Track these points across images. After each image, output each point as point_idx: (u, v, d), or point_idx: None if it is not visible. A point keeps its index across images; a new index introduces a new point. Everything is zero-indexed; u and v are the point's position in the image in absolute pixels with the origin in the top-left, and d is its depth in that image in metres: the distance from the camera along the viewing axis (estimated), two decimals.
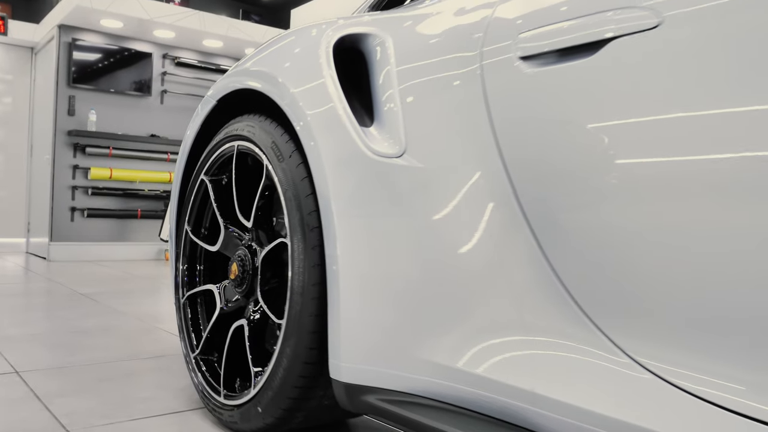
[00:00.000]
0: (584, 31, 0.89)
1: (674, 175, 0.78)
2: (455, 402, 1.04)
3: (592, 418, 0.84)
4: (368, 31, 1.26)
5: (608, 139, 0.86)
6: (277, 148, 1.31)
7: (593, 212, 0.88)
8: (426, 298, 1.07)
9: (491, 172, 1.02)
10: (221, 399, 1.47)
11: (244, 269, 1.46)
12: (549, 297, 0.93)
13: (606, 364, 0.86)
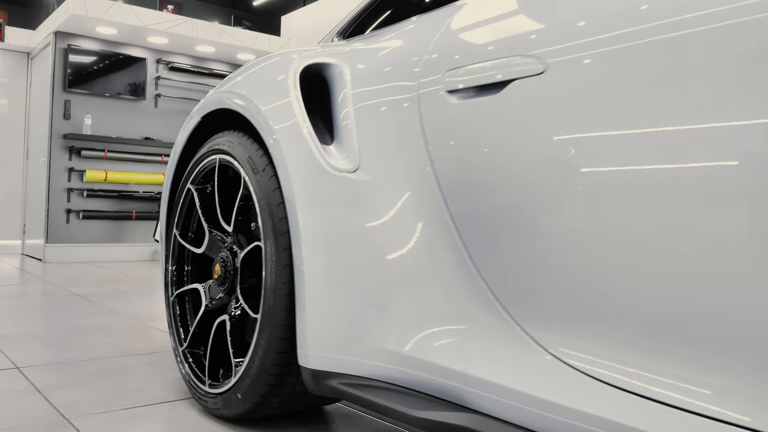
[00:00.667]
0: (493, 72, 1.06)
1: (568, 188, 0.94)
2: (403, 384, 1.20)
3: (508, 393, 1.00)
4: (330, 61, 1.42)
5: (511, 160, 1.02)
6: (252, 162, 1.47)
7: (505, 221, 1.04)
8: (375, 294, 1.23)
9: (426, 186, 1.18)
10: (206, 388, 1.62)
11: (226, 270, 1.62)
12: (474, 293, 1.09)
13: (518, 349, 1.02)
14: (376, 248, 1.23)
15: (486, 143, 1.07)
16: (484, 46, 1.12)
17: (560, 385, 0.95)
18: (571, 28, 0.98)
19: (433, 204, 1.17)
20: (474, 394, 1.07)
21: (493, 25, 1.15)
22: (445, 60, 1.19)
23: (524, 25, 1.07)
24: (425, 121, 1.18)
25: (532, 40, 1.02)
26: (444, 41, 1.23)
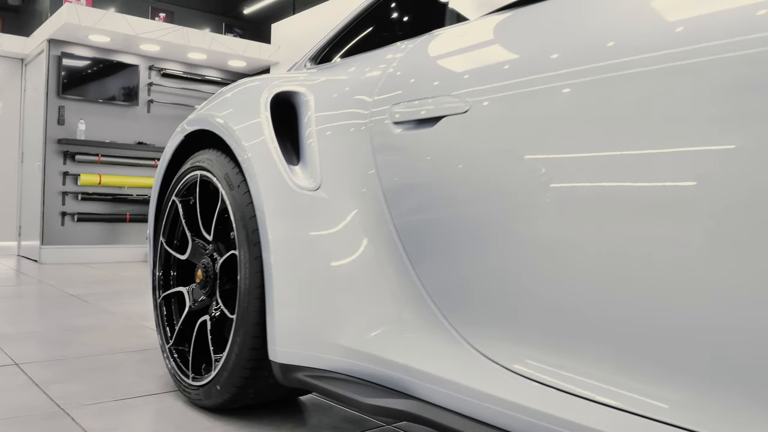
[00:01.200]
0: (428, 109, 1.24)
1: (487, 207, 1.12)
2: (357, 375, 1.38)
3: (442, 382, 1.18)
4: (297, 89, 1.60)
5: (441, 183, 1.20)
6: (229, 179, 1.65)
7: (436, 234, 1.22)
8: (332, 297, 1.41)
9: (376, 202, 1.36)
10: (190, 381, 1.80)
11: (207, 274, 1.79)
12: (414, 296, 1.27)
13: (449, 345, 1.20)
14: (333, 257, 1.41)
15: (422, 168, 1.25)
16: (422, 86, 1.30)
17: (482, 376, 1.13)
18: (487, 74, 1.16)
19: (380, 218, 1.35)
20: (414, 384, 1.25)
21: (429, 66, 1.33)
22: (391, 94, 1.38)
23: (453, 69, 1.25)
24: (375, 146, 1.36)
25: (458, 83, 1.20)
26: (391, 77, 1.41)
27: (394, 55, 1.49)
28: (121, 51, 6.58)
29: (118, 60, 6.57)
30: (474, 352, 1.16)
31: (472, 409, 1.13)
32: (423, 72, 1.33)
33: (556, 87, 1.03)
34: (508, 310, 1.11)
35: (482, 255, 1.14)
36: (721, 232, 0.82)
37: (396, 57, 1.48)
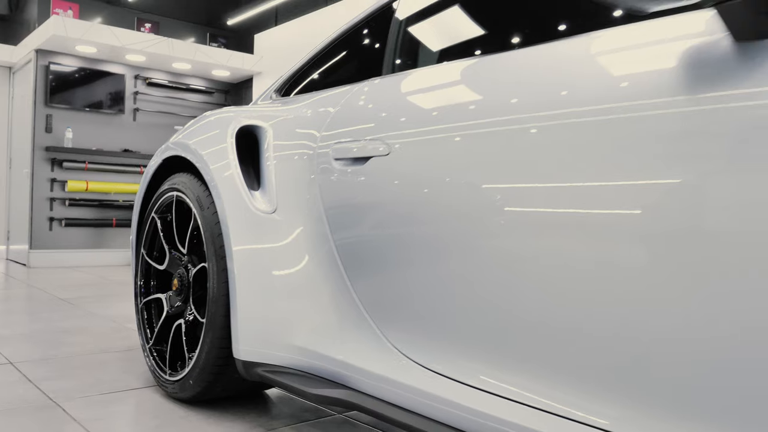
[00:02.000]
0: (360, 149, 1.50)
1: (407, 231, 1.38)
2: (306, 370, 1.64)
3: (370, 376, 1.44)
4: (259, 123, 1.86)
5: (370, 210, 1.46)
6: (200, 201, 1.90)
7: (367, 251, 1.48)
8: (284, 303, 1.66)
9: (320, 223, 1.62)
10: (166, 376, 2.05)
11: (182, 283, 2.04)
12: (349, 303, 1.53)
13: (377, 345, 1.46)
14: (286, 270, 1.67)
15: (355, 197, 1.51)
16: (356, 129, 1.56)
17: (402, 371, 1.39)
18: (406, 123, 1.42)
19: (323, 238, 1.61)
20: (350, 377, 1.51)
21: (363, 111, 1.60)
22: (334, 133, 1.64)
23: (380, 116, 1.51)
24: (320, 177, 1.63)
25: (383, 129, 1.47)
26: (336, 118, 1.68)
27: (341, 98, 1.75)
28: (107, 61, 6.80)
29: (105, 69, 6.79)
30: (396, 352, 1.43)
31: (394, 396, 1.39)
32: (358, 117, 1.59)
33: (451, 136, 1.29)
34: (424, 318, 1.37)
35: (403, 272, 1.40)
36: (602, 247, 1.07)
37: (341, 100, 1.74)
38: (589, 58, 1.13)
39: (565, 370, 1.08)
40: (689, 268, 0.90)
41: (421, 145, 1.36)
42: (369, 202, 1.48)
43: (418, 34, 1.76)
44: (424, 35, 1.76)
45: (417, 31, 1.76)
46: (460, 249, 1.27)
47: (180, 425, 1.82)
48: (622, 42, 1.09)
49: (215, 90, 7.60)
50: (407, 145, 1.39)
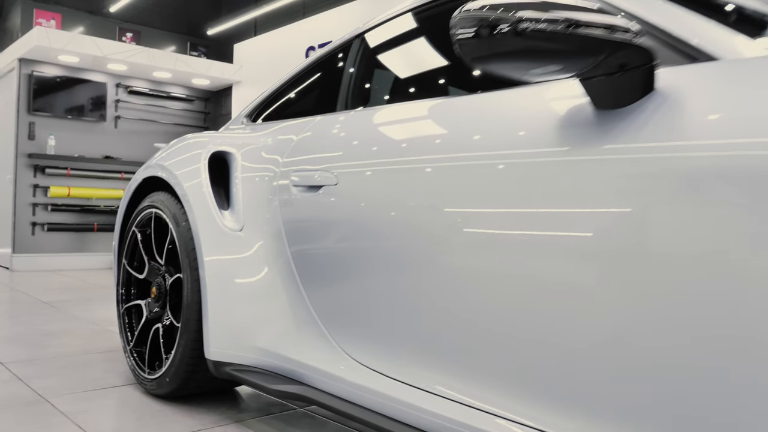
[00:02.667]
0: (313, 178, 1.75)
1: (350, 247, 1.63)
2: (268, 369, 1.87)
3: (321, 373, 1.68)
4: (228, 150, 2.10)
5: (321, 229, 1.71)
6: (176, 218, 2.13)
7: (317, 262, 1.72)
8: (249, 310, 1.90)
9: (280, 239, 1.86)
10: (145, 375, 2.27)
11: (160, 291, 2.27)
12: (304, 309, 1.77)
13: (326, 346, 1.70)
14: (249, 280, 1.91)
15: (309, 219, 1.75)
16: (312, 160, 1.81)
17: (348, 370, 1.63)
18: (351, 157, 1.66)
19: (282, 251, 1.85)
20: (304, 375, 1.75)
21: (319, 143, 1.84)
22: (294, 160, 1.88)
23: (331, 150, 1.76)
24: (281, 199, 1.87)
25: (334, 162, 1.71)
26: (296, 147, 1.92)
27: (302, 128, 1.99)
28: (89, 69, 6.97)
29: (87, 78, 6.96)
30: (343, 354, 1.67)
31: (340, 391, 1.64)
32: (314, 148, 1.84)
33: (387, 170, 1.54)
34: (366, 324, 1.61)
35: (348, 284, 1.64)
36: (503, 258, 1.31)
37: (302, 129, 1.98)
38: (497, 111, 1.38)
39: (486, 371, 1.32)
40: (595, 283, 1.13)
41: (362, 177, 1.61)
42: (320, 224, 1.72)
43: (365, 77, 2.01)
44: (370, 78, 2.01)
45: (365, 73, 2.01)
46: (395, 264, 1.52)
47: (157, 418, 2.05)
48: (513, 101, 1.34)
49: (195, 98, 7.79)
50: (352, 177, 1.64)
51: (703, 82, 1.04)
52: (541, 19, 1.00)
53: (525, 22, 1.01)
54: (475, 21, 1.05)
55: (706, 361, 0.95)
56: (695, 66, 1.08)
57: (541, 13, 1.01)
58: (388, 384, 1.51)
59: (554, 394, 1.17)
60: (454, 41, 1.09)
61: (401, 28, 1.98)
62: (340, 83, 2.07)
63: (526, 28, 1.01)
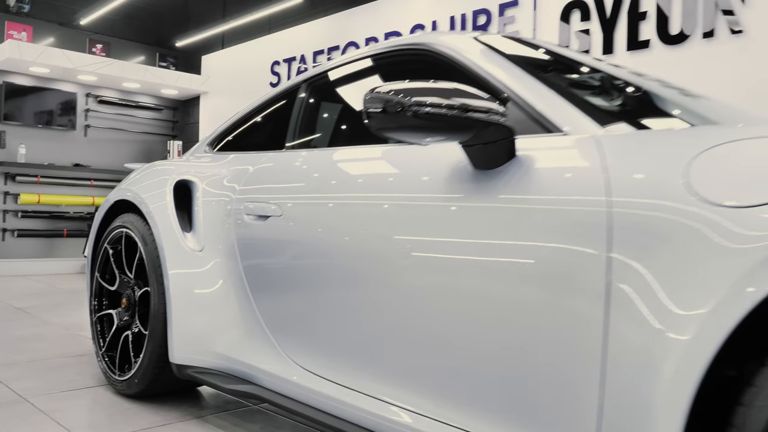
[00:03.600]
0: (262, 209, 2.05)
1: (290, 265, 1.93)
2: (224, 371, 2.17)
3: (268, 375, 1.98)
4: (191, 179, 2.39)
5: (268, 253, 2.01)
6: (144, 238, 2.41)
7: (264, 277, 2.02)
8: (208, 319, 2.19)
9: (234, 257, 2.16)
10: (116, 377, 2.55)
11: (129, 302, 2.55)
12: (254, 318, 2.07)
13: (272, 352, 2.00)
14: (207, 292, 2.20)
15: (259, 243, 2.05)
16: (261, 191, 2.11)
17: (290, 372, 1.93)
18: (293, 191, 1.97)
19: (236, 267, 2.15)
20: (254, 376, 2.05)
21: (268, 177, 2.14)
22: (248, 189, 2.18)
23: (277, 184, 2.06)
24: (235, 224, 2.17)
25: (280, 195, 2.01)
26: (251, 178, 2.21)
27: (256, 160, 2.29)
28: (60, 80, 7.15)
29: (57, 88, 7.14)
30: (286, 358, 1.97)
31: (284, 390, 1.94)
32: (264, 180, 2.14)
33: (319, 203, 1.85)
34: (305, 333, 1.91)
35: (290, 297, 1.95)
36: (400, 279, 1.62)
37: (256, 163, 2.27)
38: (408, 160, 1.69)
39: (401, 373, 1.63)
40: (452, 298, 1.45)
41: (301, 209, 1.92)
42: (267, 247, 2.03)
43: (309, 119, 2.32)
44: (313, 120, 2.32)
45: (308, 115, 2.32)
46: (329, 281, 1.82)
47: (127, 415, 2.33)
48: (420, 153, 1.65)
49: (164, 107, 8.01)
50: (293, 209, 1.94)
51: (551, 151, 1.37)
52: (431, 103, 1.32)
53: (419, 105, 1.32)
54: (383, 101, 1.36)
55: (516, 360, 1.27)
56: (548, 137, 1.41)
57: (430, 98, 1.33)
58: (324, 384, 1.82)
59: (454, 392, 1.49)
60: (365, 114, 1.40)
61: (339, 78, 2.29)
62: (289, 122, 2.37)
63: (419, 110, 1.32)
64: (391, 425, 1.57)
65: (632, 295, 1.12)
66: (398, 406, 1.58)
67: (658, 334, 1.06)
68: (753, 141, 1.10)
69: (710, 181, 1.08)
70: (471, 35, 1.86)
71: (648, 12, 4.23)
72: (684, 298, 1.04)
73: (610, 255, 1.16)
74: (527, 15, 4.91)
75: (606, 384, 1.15)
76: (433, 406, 1.50)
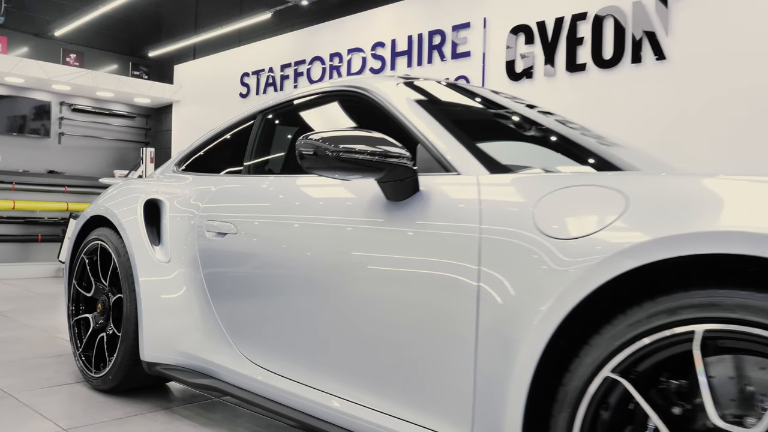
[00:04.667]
0: (220, 227, 2.37)
1: (240, 274, 2.25)
2: (189, 367, 2.48)
3: (225, 369, 2.30)
4: (160, 198, 2.70)
5: (225, 264, 2.33)
6: (118, 250, 2.71)
7: (220, 283, 2.34)
8: (174, 322, 2.51)
9: (196, 266, 2.47)
10: (92, 374, 2.84)
11: (104, 307, 2.85)
12: (213, 320, 2.39)
13: (230, 351, 2.32)
14: (174, 300, 2.51)
15: (217, 255, 2.38)
16: (220, 211, 2.43)
17: (243, 367, 2.25)
18: (246, 212, 2.29)
19: (197, 276, 2.47)
20: (214, 371, 2.37)
21: (226, 198, 2.46)
22: (210, 207, 2.49)
23: (234, 204, 2.38)
24: (198, 238, 2.48)
25: (235, 215, 2.34)
26: (212, 198, 2.53)
27: (218, 183, 2.60)
28: (34, 89, 7.37)
29: (32, 97, 7.36)
30: (241, 355, 2.29)
31: (239, 383, 2.26)
32: (223, 201, 2.46)
33: (265, 223, 2.18)
34: (256, 334, 2.24)
35: (243, 303, 2.27)
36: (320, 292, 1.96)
37: (218, 184, 2.59)
38: (337, 189, 2.02)
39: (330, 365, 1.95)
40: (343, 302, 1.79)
41: (253, 228, 2.24)
42: (225, 259, 2.35)
43: (262, 146, 2.64)
44: (265, 147, 2.65)
45: (261, 143, 2.64)
46: (275, 289, 2.15)
47: (102, 407, 2.63)
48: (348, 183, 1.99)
49: (137, 115, 8.25)
50: (247, 227, 2.27)
51: (445, 187, 1.71)
52: (353, 149, 1.65)
53: (343, 152, 1.66)
54: (313, 146, 1.69)
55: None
56: (446, 176, 1.75)
57: (352, 145, 1.66)
58: (272, 377, 2.14)
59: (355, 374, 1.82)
60: (299, 155, 1.73)
61: (290, 110, 2.62)
62: (246, 147, 2.69)
63: (343, 155, 1.66)
64: (324, 410, 1.90)
65: (495, 296, 1.47)
66: (327, 393, 1.92)
67: (513, 323, 1.41)
68: (576, 188, 1.46)
69: (545, 218, 1.43)
70: (397, 82, 2.21)
71: (584, 38, 4.62)
72: (530, 299, 1.39)
73: (480, 268, 1.50)
74: (477, 36, 5.28)
75: (478, 361, 1.49)
76: (350, 390, 1.84)
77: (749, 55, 3.93)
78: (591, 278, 1.28)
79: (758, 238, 1.08)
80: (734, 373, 1.15)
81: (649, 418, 1.20)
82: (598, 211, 1.36)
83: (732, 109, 3.99)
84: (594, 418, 1.27)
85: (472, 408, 1.51)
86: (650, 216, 1.26)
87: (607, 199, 1.36)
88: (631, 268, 1.23)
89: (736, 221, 1.14)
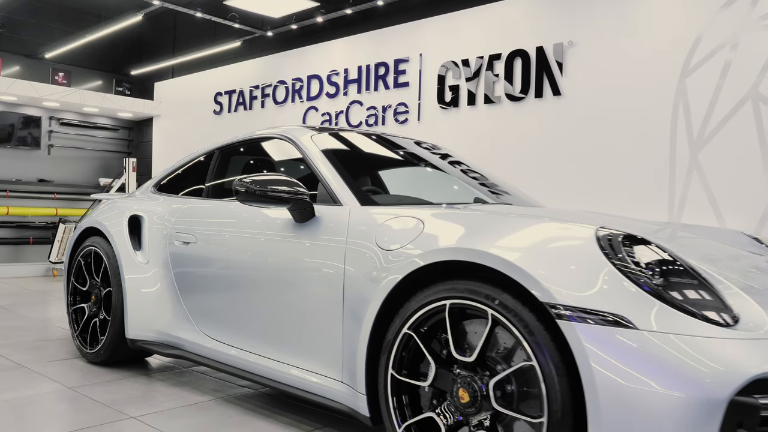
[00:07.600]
0: (185, 238, 3.21)
1: (201, 273, 3.08)
2: (162, 341, 3.31)
3: (190, 343, 3.13)
4: (141, 214, 3.53)
5: (189, 265, 3.16)
6: (108, 254, 3.53)
7: (185, 279, 3.17)
8: (151, 308, 3.33)
9: (167, 266, 3.30)
10: (87, 350, 3.66)
11: (97, 298, 3.67)
12: (180, 307, 3.22)
13: (191, 328, 3.15)
14: (150, 291, 3.34)
15: (183, 259, 3.21)
16: (185, 225, 3.26)
17: (203, 340, 3.09)
18: (204, 226, 3.13)
19: (168, 274, 3.29)
20: (181, 344, 3.20)
21: (191, 214, 3.29)
22: (179, 221, 3.32)
23: (195, 220, 3.21)
24: (169, 245, 3.31)
25: (195, 228, 3.17)
26: (182, 213, 3.36)
27: (185, 203, 3.43)
28: (26, 105, 8.11)
29: (24, 112, 8.10)
30: (200, 332, 3.12)
31: (200, 352, 3.09)
32: (188, 217, 3.29)
33: (216, 236, 3.01)
34: (211, 315, 3.07)
35: (202, 294, 3.10)
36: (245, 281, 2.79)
37: (185, 204, 3.42)
38: (264, 212, 2.86)
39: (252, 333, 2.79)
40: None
41: (207, 238, 3.07)
42: (188, 262, 3.18)
43: (218, 175, 3.48)
44: (221, 176, 3.49)
45: (217, 173, 3.48)
46: (223, 283, 2.98)
47: (96, 373, 3.45)
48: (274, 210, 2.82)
49: (120, 127, 9.01)
50: (204, 238, 3.10)
51: (333, 214, 2.56)
52: (275, 189, 2.50)
53: (269, 190, 2.50)
54: (245, 186, 2.54)
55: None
56: (333, 207, 2.60)
57: (272, 186, 2.50)
58: (220, 345, 2.98)
59: None
60: (235, 192, 2.57)
61: (239, 149, 3.46)
62: (207, 175, 3.53)
63: (268, 193, 2.50)
64: (250, 364, 2.75)
65: (352, 283, 2.31)
66: (253, 353, 2.76)
67: (361, 301, 2.26)
68: (398, 218, 2.31)
69: (381, 236, 2.28)
70: (311, 134, 3.05)
71: (500, 74, 5.50)
72: (370, 285, 2.23)
73: (345, 266, 2.36)
74: (415, 69, 6.14)
75: (344, 325, 2.34)
76: (268, 349, 2.69)
77: (627, 89, 4.82)
78: (401, 272, 2.14)
79: (475, 253, 1.94)
80: (465, 327, 2.02)
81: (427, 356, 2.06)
82: (407, 232, 2.22)
83: (614, 138, 4.88)
84: (401, 358, 2.13)
85: (342, 356, 2.36)
86: (432, 237, 2.12)
87: (413, 225, 2.22)
88: (421, 266, 2.09)
89: (471, 242, 2.00)
